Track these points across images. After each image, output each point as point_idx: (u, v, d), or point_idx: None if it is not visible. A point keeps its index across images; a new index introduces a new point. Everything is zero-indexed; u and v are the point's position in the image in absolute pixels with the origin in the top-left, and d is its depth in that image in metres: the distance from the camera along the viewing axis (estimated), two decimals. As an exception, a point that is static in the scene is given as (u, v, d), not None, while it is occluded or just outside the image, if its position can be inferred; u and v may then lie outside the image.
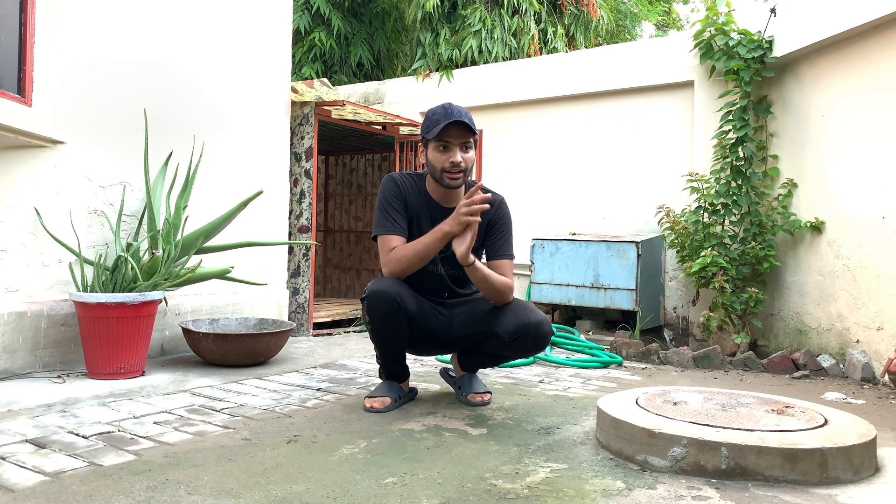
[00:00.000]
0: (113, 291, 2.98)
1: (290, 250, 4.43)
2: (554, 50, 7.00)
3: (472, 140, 2.45)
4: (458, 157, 2.41)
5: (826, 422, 1.97)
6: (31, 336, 2.93)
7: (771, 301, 4.24)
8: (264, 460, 1.89)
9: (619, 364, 3.67)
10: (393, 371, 2.58)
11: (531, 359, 3.63)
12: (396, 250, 2.40)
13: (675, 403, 2.15)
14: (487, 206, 2.29)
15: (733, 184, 4.19)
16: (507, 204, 2.63)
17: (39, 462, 1.82)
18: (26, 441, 1.99)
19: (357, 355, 3.67)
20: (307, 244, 4.28)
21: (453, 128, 2.40)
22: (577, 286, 4.60)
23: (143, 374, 2.97)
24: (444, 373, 2.88)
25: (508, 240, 2.57)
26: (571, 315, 4.94)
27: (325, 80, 4.59)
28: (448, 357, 3.58)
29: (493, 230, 2.56)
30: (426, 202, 2.53)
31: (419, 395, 2.74)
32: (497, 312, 2.46)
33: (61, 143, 3.04)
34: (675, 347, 4.13)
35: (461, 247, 2.28)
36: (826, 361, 3.57)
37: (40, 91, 2.92)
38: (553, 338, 4.13)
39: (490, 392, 2.68)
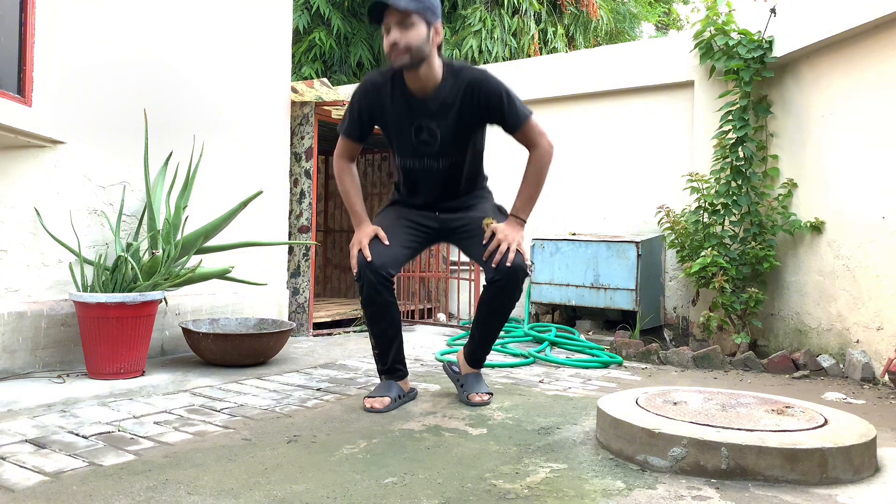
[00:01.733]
0: (113, 291, 2.98)
1: (290, 250, 4.43)
2: (554, 50, 7.01)
3: (414, 16, 2.32)
4: (393, 37, 2.34)
5: (826, 422, 1.97)
6: (31, 336, 2.93)
7: (771, 301, 4.24)
8: (264, 460, 1.89)
9: (619, 364, 3.67)
10: (391, 368, 2.59)
11: (531, 359, 3.64)
12: (342, 173, 2.67)
13: (675, 403, 2.15)
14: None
15: (733, 184, 4.19)
16: (488, 75, 2.45)
17: (39, 462, 1.82)
18: (26, 441, 1.99)
19: (357, 355, 3.67)
20: (307, 244, 4.28)
21: (382, 9, 2.34)
22: (577, 286, 4.60)
23: (143, 374, 2.97)
24: (448, 368, 2.86)
25: (513, 106, 2.44)
26: (571, 315, 4.94)
27: (325, 79, 4.59)
28: (452, 357, 3.58)
29: (492, 109, 2.45)
30: (402, 95, 2.48)
31: (419, 395, 2.74)
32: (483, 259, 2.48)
33: (61, 143, 3.04)
34: (675, 347, 4.13)
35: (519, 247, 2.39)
36: (826, 361, 3.57)
37: (40, 91, 2.92)
38: (553, 337, 4.14)
39: (491, 393, 2.68)
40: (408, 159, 2.57)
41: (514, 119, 2.46)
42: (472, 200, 2.64)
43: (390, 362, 2.58)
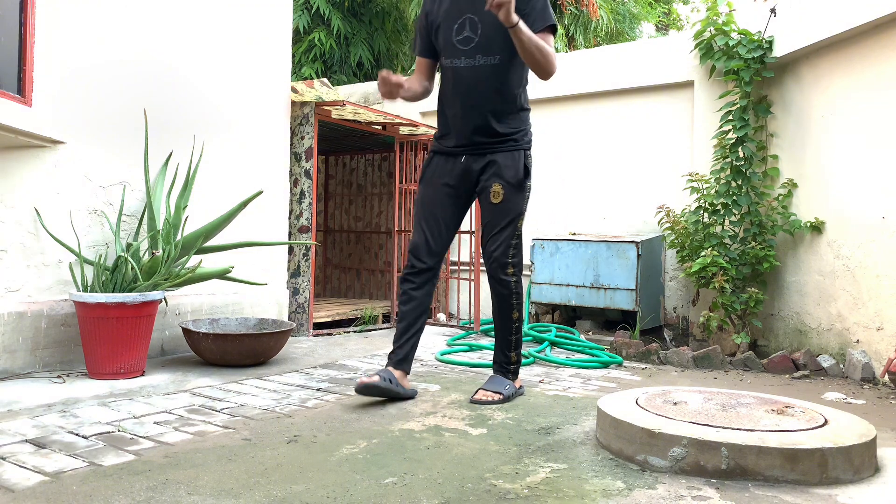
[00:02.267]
0: (113, 291, 2.98)
1: (290, 250, 4.43)
2: (554, 50, 7.01)
3: None
4: None
5: (826, 422, 1.97)
6: (31, 336, 2.93)
7: (771, 301, 4.24)
8: (264, 460, 1.89)
9: (619, 364, 3.67)
10: (394, 351, 2.66)
11: (531, 359, 3.64)
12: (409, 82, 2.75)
13: (675, 403, 2.15)
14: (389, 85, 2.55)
15: (733, 184, 4.19)
16: None
17: (39, 462, 1.82)
18: (26, 441, 1.99)
19: (357, 355, 3.67)
20: (307, 244, 4.28)
21: None
22: (577, 286, 4.60)
23: (143, 374, 2.97)
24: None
25: (546, 9, 2.58)
26: (571, 315, 4.94)
27: (325, 80, 4.58)
28: (452, 358, 3.58)
29: (529, 8, 2.54)
30: None
31: (419, 396, 2.73)
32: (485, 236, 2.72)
33: (61, 143, 3.04)
34: (675, 347, 4.13)
35: (501, 11, 2.34)
36: (826, 361, 3.57)
37: (40, 91, 2.92)
38: (553, 337, 4.14)
39: (501, 394, 2.64)
40: (450, 59, 2.67)
41: (541, 19, 2.56)
42: (504, 146, 2.68)
43: (395, 347, 2.65)
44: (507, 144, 2.67)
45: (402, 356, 2.65)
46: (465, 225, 4.81)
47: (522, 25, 2.41)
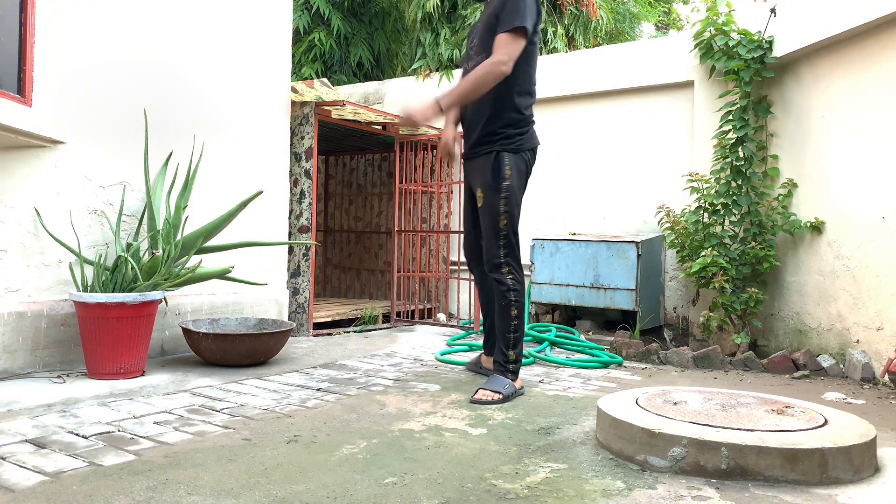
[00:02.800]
0: (113, 291, 2.98)
1: (290, 250, 4.43)
2: (554, 50, 7.00)
3: None
4: None
5: (826, 422, 1.97)
6: (31, 336, 2.93)
7: (771, 301, 4.24)
8: (264, 460, 1.89)
9: (619, 364, 3.67)
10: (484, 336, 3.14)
11: (531, 359, 3.64)
12: None
13: (675, 403, 2.15)
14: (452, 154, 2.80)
15: (733, 184, 4.19)
16: None
17: (39, 462, 1.82)
18: (26, 441, 2.00)
19: (357, 355, 3.67)
20: (307, 244, 4.28)
21: None
22: (577, 286, 4.60)
23: (143, 374, 2.97)
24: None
25: (513, 12, 2.59)
26: (571, 315, 4.94)
27: (325, 80, 4.58)
28: (452, 358, 3.58)
29: (501, 5, 2.64)
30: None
31: (419, 395, 2.74)
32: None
33: (61, 143, 3.04)
34: (675, 347, 4.13)
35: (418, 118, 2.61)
36: (826, 361, 3.57)
37: (40, 91, 2.92)
38: (553, 337, 4.14)
39: (501, 394, 2.65)
40: (462, 63, 2.91)
41: (502, 21, 2.62)
42: (483, 149, 2.79)
43: (486, 326, 3.10)
44: (485, 147, 2.79)
45: (483, 340, 3.17)
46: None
47: (444, 100, 2.59)
